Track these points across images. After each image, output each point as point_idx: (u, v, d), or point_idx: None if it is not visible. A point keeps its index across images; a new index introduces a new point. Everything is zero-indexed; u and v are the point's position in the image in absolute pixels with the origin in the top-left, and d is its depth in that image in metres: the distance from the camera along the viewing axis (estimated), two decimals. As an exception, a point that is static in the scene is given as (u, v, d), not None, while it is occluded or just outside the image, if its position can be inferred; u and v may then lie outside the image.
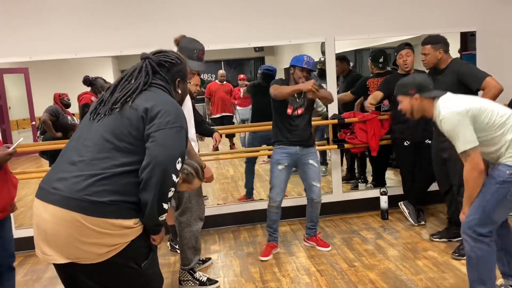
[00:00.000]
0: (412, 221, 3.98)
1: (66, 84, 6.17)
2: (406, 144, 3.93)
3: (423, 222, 3.99)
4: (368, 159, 5.03)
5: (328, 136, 4.42)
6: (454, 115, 2.33)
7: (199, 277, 3.12)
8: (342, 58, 4.94)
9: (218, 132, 3.59)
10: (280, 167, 3.49)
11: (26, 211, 4.19)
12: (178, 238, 3.11)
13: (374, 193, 4.42)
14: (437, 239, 3.59)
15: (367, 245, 3.65)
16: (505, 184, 2.32)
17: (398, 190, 4.28)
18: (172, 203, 3.11)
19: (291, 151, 3.49)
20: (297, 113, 3.47)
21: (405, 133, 3.92)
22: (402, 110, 2.66)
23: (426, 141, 3.84)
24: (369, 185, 4.96)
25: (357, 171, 5.26)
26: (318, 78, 4.94)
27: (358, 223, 4.18)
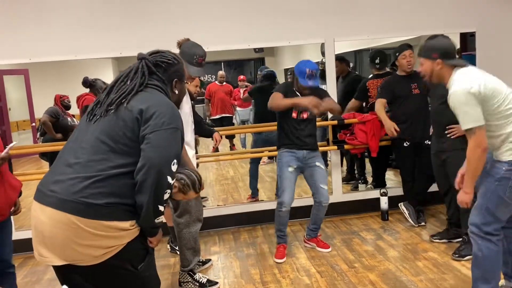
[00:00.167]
0: (412, 222, 3.98)
1: (66, 85, 6.17)
2: (405, 144, 3.93)
3: (423, 223, 3.99)
4: (367, 160, 5.03)
5: (328, 137, 4.42)
6: (464, 93, 2.25)
7: (199, 278, 3.11)
8: (341, 59, 4.93)
9: (218, 132, 3.58)
10: (290, 169, 3.46)
11: (26, 213, 4.13)
12: (177, 240, 3.11)
13: (374, 194, 4.42)
14: (437, 240, 3.59)
15: (367, 246, 3.64)
16: (503, 180, 2.32)
17: (398, 191, 4.28)
18: (170, 205, 3.11)
19: (299, 155, 3.47)
20: (302, 117, 3.44)
21: (404, 133, 3.91)
22: (422, 72, 2.54)
23: (425, 141, 3.83)
24: (369, 186, 4.96)
25: (356, 172, 5.26)
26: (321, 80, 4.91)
27: (358, 224, 4.17)
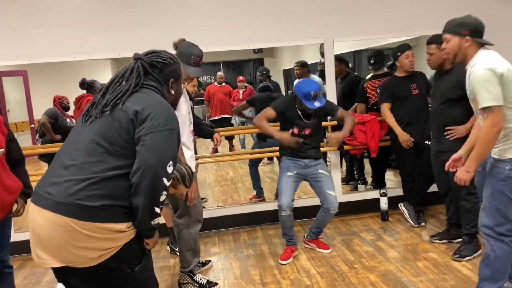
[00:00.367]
0: (412, 222, 3.97)
1: (65, 86, 6.16)
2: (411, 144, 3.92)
3: (423, 223, 3.98)
4: (367, 160, 5.02)
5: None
6: (489, 71, 2.21)
7: (199, 279, 3.11)
8: (340, 59, 4.92)
9: (218, 133, 3.57)
10: (289, 174, 3.46)
11: (25, 214, 4.15)
12: (177, 240, 3.10)
13: (374, 194, 4.41)
14: (437, 241, 3.59)
15: (367, 246, 3.64)
16: (508, 180, 2.30)
17: (398, 191, 4.28)
18: (170, 205, 3.10)
19: (301, 164, 3.46)
20: (304, 133, 3.42)
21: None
22: (446, 50, 2.47)
23: (426, 142, 3.83)
24: (368, 186, 4.96)
25: (356, 173, 5.25)
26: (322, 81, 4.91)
27: (358, 225, 4.17)
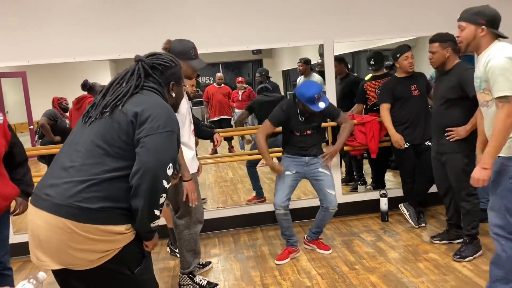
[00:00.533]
0: (412, 223, 3.97)
1: (64, 88, 6.15)
2: (406, 146, 3.92)
3: (424, 224, 3.98)
4: (366, 161, 5.02)
5: (327, 138, 4.41)
6: (508, 60, 2.18)
7: (199, 281, 3.10)
8: (340, 60, 4.91)
9: (218, 133, 3.56)
10: (287, 173, 3.45)
11: (25, 216, 4.15)
12: (177, 241, 3.10)
13: (374, 195, 4.41)
14: (437, 241, 3.58)
15: (368, 247, 3.63)
16: None
17: (398, 192, 4.28)
18: (170, 206, 3.10)
19: (301, 161, 3.46)
20: (305, 134, 3.43)
21: (404, 135, 3.91)
22: (459, 38, 2.43)
23: (426, 142, 3.83)
24: (368, 187, 4.96)
25: (355, 173, 5.25)
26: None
27: (358, 226, 4.16)
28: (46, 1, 3.85)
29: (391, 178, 5.14)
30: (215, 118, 7.57)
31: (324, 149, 3.58)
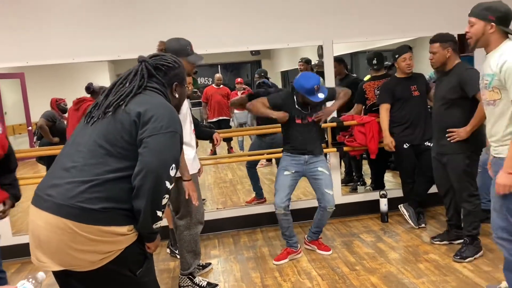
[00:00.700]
0: (412, 223, 3.96)
1: (62, 88, 6.14)
2: (405, 146, 3.92)
3: (424, 225, 3.97)
4: (365, 162, 5.02)
5: (327, 139, 4.41)
6: None
7: (199, 282, 3.09)
8: (339, 60, 4.91)
9: (217, 133, 3.55)
10: (286, 173, 3.45)
11: (23, 217, 4.15)
12: (177, 242, 3.09)
13: (374, 195, 4.40)
14: (437, 242, 3.58)
15: (368, 248, 3.63)
16: None
17: (398, 192, 4.27)
18: (170, 207, 3.09)
19: (300, 160, 3.45)
20: (308, 121, 3.42)
21: (404, 135, 3.91)
22: (469, 33, 2.38)
23: (425, 143, 3.83)
24: (368, 187, 4.95)
25: (354, 174, 5.25)
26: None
27: (358, 226, 4.16)
28: (45, 1, 3.84)
29: (391, 179, 5.14)
30: (214, 119, 7.57)
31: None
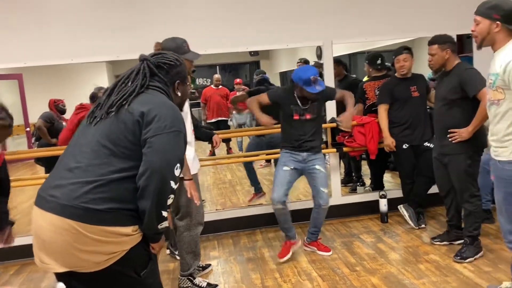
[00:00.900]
0: (412, 224, 3.96)
1: (61, 89, 6.13)
2: (405, 147, 3.91)
3: (423, 225, 3.97)
4: (364, 162, 5.01)
5: (326, 139, 4.40)
6: None
7: (199, 283, 3.08)
8: (338, 62, 4.91)
9: (217, 134, 3.55)
10: (285, 168, 3.45)
11: (22, 219, 4.11)
12: (177, 243, 3.07)
13: (373, 196, 4.40)
14: (438, 242, 3.57)
15: (368, 249, 3.62)
16: None
17: (398, 193, 4.26)
18: (170, 207, 3.07)
19: (299, 157, 3.46)
20: (305, 118, 3.43)
21: (403, 135, 3.91)
22: (474, 32, 2.39)
23: (425, 143, 3.83)
24: (367, 188, 4.95)
25: (354, 174, 5.24)
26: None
27: (358, 227, 4.15)
28: (43, 2, 3.82)
29: (390, 179, 5.14)
30: (213, 120, 7.57)
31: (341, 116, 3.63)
